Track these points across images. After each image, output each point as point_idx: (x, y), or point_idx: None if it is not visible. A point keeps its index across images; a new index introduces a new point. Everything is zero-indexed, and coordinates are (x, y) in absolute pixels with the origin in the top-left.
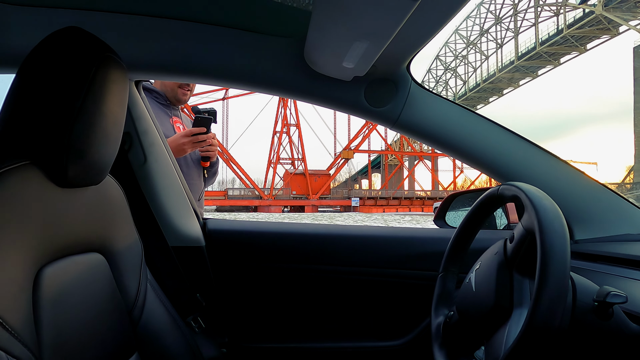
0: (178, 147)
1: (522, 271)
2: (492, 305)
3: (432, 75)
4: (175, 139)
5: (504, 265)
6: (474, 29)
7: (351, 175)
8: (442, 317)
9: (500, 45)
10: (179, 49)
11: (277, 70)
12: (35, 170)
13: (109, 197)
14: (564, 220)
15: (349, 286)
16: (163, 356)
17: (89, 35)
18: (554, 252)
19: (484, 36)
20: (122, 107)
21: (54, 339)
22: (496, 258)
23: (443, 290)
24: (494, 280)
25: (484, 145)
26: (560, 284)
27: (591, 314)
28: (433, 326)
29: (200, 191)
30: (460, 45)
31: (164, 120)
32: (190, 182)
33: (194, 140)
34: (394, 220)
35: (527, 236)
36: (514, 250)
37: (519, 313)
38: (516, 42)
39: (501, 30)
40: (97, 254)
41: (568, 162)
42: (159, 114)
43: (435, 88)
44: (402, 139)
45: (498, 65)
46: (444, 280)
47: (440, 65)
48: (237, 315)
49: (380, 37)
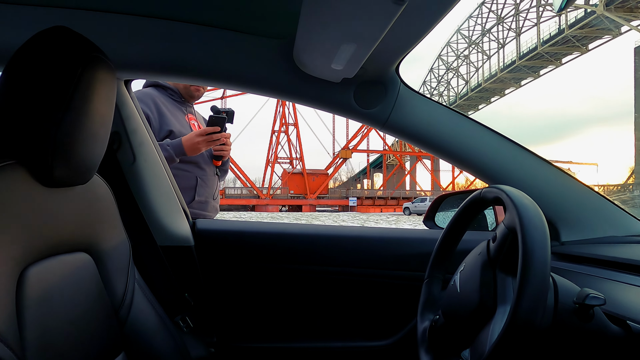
0: (193, 145)
1: (505, 269)
2: (476, 304)
3: (434, 75)
4: (190, 137)
5: (487, 265)
6: (476, 29)
7: (353, 175)
8: (428, 321)
9: (502, 45)
10: (168, 49)
11: (266, 72)
12: (21, 169)
13: (96, 197)
14: (543, 217)
15: (337, 286)
16: (150, 356)
17: (76, 34)
18: (535, 247)
19: (485, 36)
20: (109, 106)
21: (38, 338)
22: (480, 258)
23: (428, 296)
24: (477, 280)
25: (471, 147)
26: (541, 277)
27: (572, 315)
28: (419, 331)
29: (216, 187)
30: (462, 45)
31: (180, 117)
32: (208, 178)
33: (208, 139)
34: (372, 220)
35: (508, 235)
36: (497, 249)
37: (503, 311)
38: (518, 42)
39: (503, 30)
40: (84, 253)
41: (555, 165)
42: (174, 111)
43: (437, 88)
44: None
45: (500, 65)
46: (430, 286)
47: (442, 64)
48: (226, 315)
49: (368, 40)
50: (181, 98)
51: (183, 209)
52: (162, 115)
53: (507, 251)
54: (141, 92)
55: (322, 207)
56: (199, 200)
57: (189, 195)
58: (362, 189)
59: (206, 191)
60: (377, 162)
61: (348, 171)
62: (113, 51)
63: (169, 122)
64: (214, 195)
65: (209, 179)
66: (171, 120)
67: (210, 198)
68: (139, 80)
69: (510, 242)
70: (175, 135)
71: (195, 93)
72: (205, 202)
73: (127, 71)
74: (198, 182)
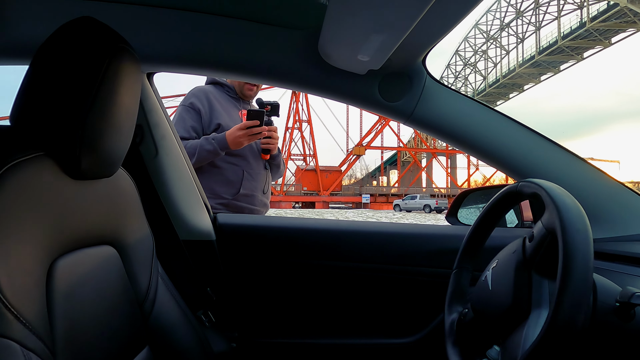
0: (235, 139)
1: (541, 272)
2: (509, 305)
3: (451, 71)
4: (232, 131)
5: (523, 265)
6: (494, 23)
7: (370, 172)
8: (456, 314)
9: (522, 39)
10: (191, 41)
11: (290, 63)
12: (49, 161)
13: (121, 190)
14: (587, 219)
15: (359, 282)
16: (173, 350)
17: (102, 25)
18: (577, 252)
19: (504, 30)
20: (135, 99)
21: (66, 331)
22: (514, 257)
23: (457, 287)
24: (511, 280)
25: (499, 142)
26: (583, 285)
27: (612, 315)
28: (446, 323)
29: (264, 182)
30: (480, 40)
31: (233, 112)
32: (255, 172)
33: (248, 132)
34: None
35: (547, 236)
36: (534, 250)
37: (537, 314)
38: (537, 36)
39: (522, 24)
40: (109, 246)
41: (586, 160)
42: (228, 106)
43: (454, 83)
44: (416, 135)
45: (518, 60)
46: (458, 276)
47: (460, 60)
48: (247, 310)
49: (399, 29)
50: (236, 95)
51: (204, 203)
52: (213, 110)
53: (545, 253)
54: (197, 88)
55: (335, 204)
56: (244, 194)
57: (234, 187)
58: (378, 186)
59: (252, 184)
60: (392, 159)
61: (362, 168)
62: (136, 43)
63: (218, 116)
64: (263, 190)
65: (256, 172)
66: (221, 115)
67: (258, 192)
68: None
69: (548, 244)
70: (224, 128)
71: (248, 92)
72: (252, 195)
73: (150, 64)
74: (244, 175)
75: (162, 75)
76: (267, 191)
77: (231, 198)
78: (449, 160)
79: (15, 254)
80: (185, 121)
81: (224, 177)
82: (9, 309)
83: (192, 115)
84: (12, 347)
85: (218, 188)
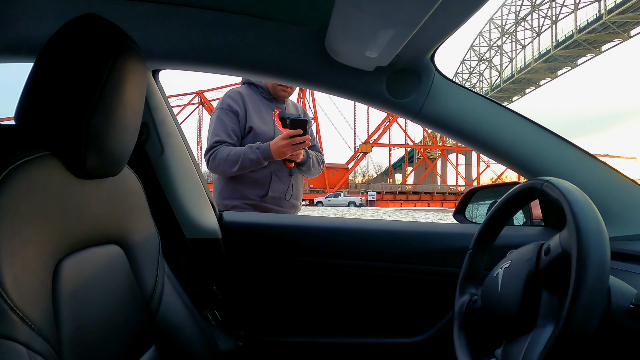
0: (278, 149)
1: (552, 289)
2: (515, 314)
3: (465, 67)
4: (276, 141)
5: (534, 277)
6: (510, 17)
7: (381, 172)
8: (467, 296)
9: (538, 33)
10: (197, 38)
11: (296, 60)
12: (54, 160)
13: (127, 189)
14: (607, 250)
15: (366, 281)
16: (180, 349)
17: (107, 22)
18: (588, 289)
19: (520, 25)
20: (140, 97)
21: (73, 332)
22: (527, 265)
23: (471, 267)
24: (520, 289)
25: (509, 139)
26: (593, 313)
27: (627, 317)
28: (456, 304)
29: (292, 184)
30: (495, 34)
31: (266, 114)
32: (283, 174)
33: (291, 142)
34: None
35: (563, 257)
36: (547, 266)
37: (542, 329)
38: (552, 30)
39: (538, 17)
40: (115, 245)
41: (597, 158)
42: (261, 107)
43: (469, 79)
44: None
45: (534, 54)
46: (474, 256)
47: (475, 55)
48: (254, 309)
49: (408, 25)
50: (270, 95)
51: (210, 201)
52: (248, 113)
53: (559, 271)
54: (232, 90)
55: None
56: (272, 196)
57: (262, 189)
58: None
59: (280, 187)
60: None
61: (376, 166)
62: (141, 40)
63: (251, 118)
64: (292, 192)
65: (284, 175)
66: (253, 117)
67: (287, 194)
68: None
69: (563, 265)
70: (256, 131)
71: (281, 93)
72: (280, 197)
73: (155, 61)
74: (272, 177)
75: (166, 73)
76: (296, 193)
77: (259, 200)
78: (465, 158)
79: (21, 254)
80: (225, 125)
81: (252, 179)
82: (15, 310)
83: (232, 118)
84: (18, 350)
85: (246, 190)
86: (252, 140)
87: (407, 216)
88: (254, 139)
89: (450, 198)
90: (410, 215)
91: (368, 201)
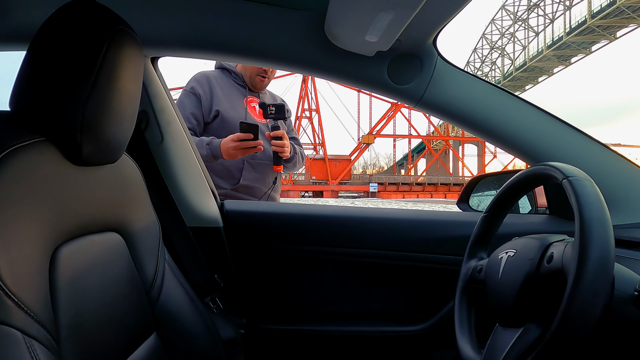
0: (227, 150)
1: (547, 296)
2: (509, 307)
3: (477, 55)
4: (226, 141)
5: (533, 279)
6: (522, 3)
7: (397, 161)
8: (474, 261)
9: (551, 20)
10: (194, 24)
11: (295, 45)
12: (50, 147)
13: (126, 176)
14: (611, 238)
15: (368, 269)
16: (181, 336)
17: (100, 7)
18: (590, 279)
19: (532, 11)
20: (137, 83)
21: (71, 319)
22: (528, 264)
23: (483, 231)
24: (517, 287)
25: (515, 126)
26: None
27: (630, 305)
28: (463, 267)
29: (269, 174)
30: (507, 22)
31: (237, 99)
32: (257, 162)
33: (241, 145)
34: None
35: (560, 274)
36: (546, 275)
37: (530, 329)
38: (565, 16)
39: (552, 3)
40: (115, 233)
41: (605, 145)
42: (232, 93)
43: (481, 68)
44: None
45: (546, 42)
46: (489, 220)
47: (487, 44)
48: (255, 297)
49: (407, 7)
50: (244, 82)
51: (211, 189)
52: (214, 96)
53: (555, 285)
54: (199, 73)
55: (346, 193)
56: (244, 185)
57: (234, 177)
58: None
59: (254, 175)
60: (419, 147)
61: (385, 157)
62: (138, 27)
63: (219, 102)
64: (268, 182)
65: (258, 163)
66: (222, 101)
67: (261, 184)
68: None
69: (559, 281)
70: (223, 116)
71: (259, 84)
72: (253, 187)
73: (152, 48)
74: (245, 165)
75: (166, 67)
76: (271, 184)
77: (230, 189)
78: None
79: (16, 241)
80: (185, 107)
81: (223, 167)
82: (9, 296)
83: (192, 101)
84: (13, 335)
85: (216, 178)
86: (219, 126)
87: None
88: (221, 124)
89: (454, 189)
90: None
91: (370, 193)
